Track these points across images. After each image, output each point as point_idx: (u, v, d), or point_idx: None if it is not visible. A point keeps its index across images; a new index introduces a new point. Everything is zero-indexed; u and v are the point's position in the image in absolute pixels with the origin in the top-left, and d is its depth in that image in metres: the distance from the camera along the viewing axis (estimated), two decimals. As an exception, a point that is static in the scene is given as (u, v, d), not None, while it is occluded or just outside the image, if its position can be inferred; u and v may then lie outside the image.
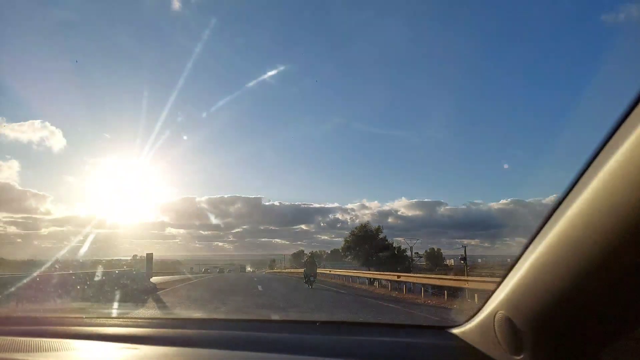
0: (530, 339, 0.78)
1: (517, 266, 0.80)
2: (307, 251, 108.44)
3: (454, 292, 11.65)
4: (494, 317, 0.89)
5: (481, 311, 0.97)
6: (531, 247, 0.75)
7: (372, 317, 6.10)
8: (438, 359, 1.04)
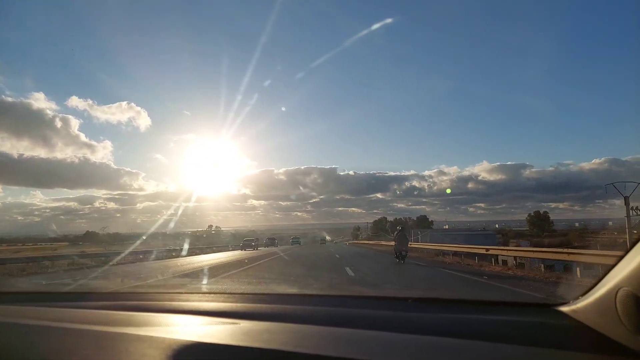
0: None
1: None
2: (389, 219, 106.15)
3: (558, 266, 10.65)
4: (616, 293, 0.83)
5: (597, 287, 0.91)
6: None
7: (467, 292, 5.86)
8: (547, 339, 0.93)
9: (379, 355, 0.81)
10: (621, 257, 0.85)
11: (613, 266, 0.88)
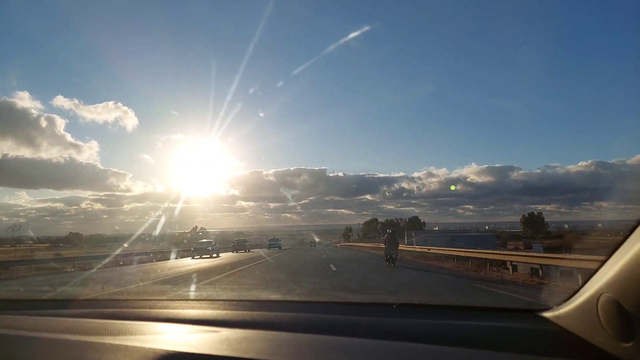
0: None
1: (627, 243, 0.76)
2: (380, 220, 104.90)
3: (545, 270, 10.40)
4: (598, 299, 0.84)
5: (579, 293, 0.92)
6: None
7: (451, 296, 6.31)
8: (530, 344, 0.95)
9: None
10: (603, 263, 0.86)
11: (595, 272, 0.88)
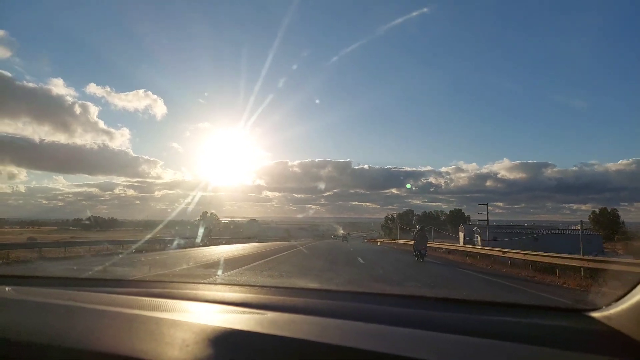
0: None
1: None
2: (416, 212, 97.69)
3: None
4: None
5: (632, 294, 0.93)
6: None
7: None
8: (577, 343, 0.93)
9: (404, 350, 0.82)
10: None
11: None
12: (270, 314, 1.09)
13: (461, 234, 54.27)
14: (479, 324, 1.06)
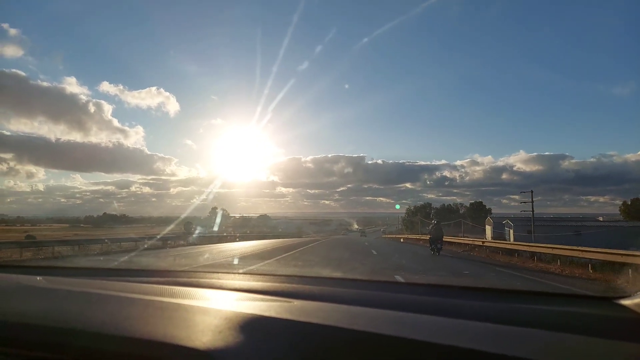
0: None
1: None
2: (435, 206, 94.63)
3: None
4: None
5: None
6: None
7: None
8: (608, 330, 0.94)
9: (429, 336, 0.83)
10: None
11: None
12: (297, 302, 1.12)
13: (488, 228, 50.48)
14: (507, 312, 1.07)
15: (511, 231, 41.51)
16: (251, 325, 0.87)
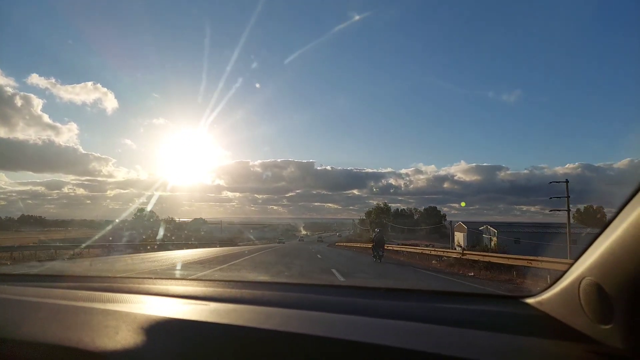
0: (622, 306, 0.77)
1: (610, 227, 0.81)
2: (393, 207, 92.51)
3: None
4: (579, 283, 0.89)
5: (562, 279, 0.99)
6: (629, 206, 0.76)
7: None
8: (512, 328, 1.02)
9: (344, 334, 0.86)
10: (585, 249, 0.90)
11: (578, 257, 0.92)
12: (212, 304, 1.11)
13: (459, 235, 45.97)
14: (424, 311, 1.12)
15: (493, 239, 37.81)
16: (153, 327, 0.88)
